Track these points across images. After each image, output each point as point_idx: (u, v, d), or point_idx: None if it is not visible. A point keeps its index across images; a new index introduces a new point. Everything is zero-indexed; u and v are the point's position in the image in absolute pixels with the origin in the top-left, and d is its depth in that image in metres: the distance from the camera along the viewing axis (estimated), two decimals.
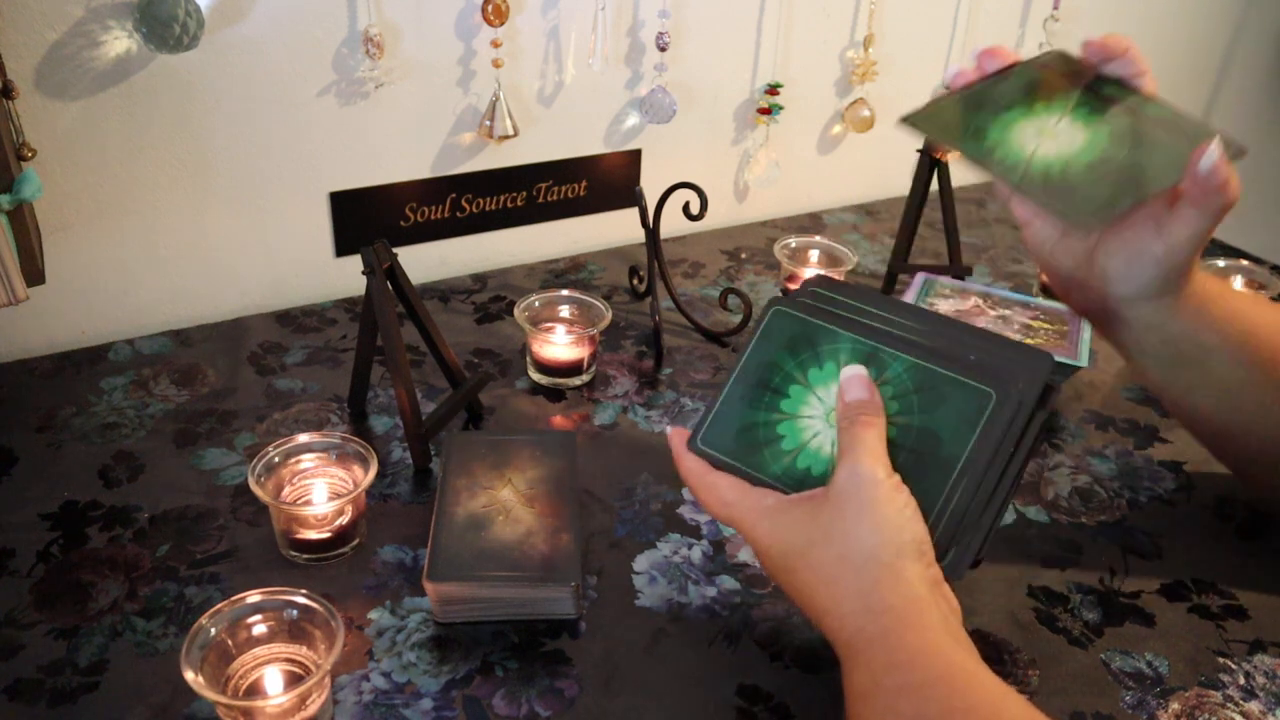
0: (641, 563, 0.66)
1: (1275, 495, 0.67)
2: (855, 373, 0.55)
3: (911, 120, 0.60)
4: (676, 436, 0.59)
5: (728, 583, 0.65)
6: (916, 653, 0.47)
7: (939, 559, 0.51)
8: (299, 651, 0.56)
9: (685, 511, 0.71)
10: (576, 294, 0.87)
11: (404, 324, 0.80)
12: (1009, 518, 0.72)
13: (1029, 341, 0.79)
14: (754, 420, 0.57)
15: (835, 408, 0.55)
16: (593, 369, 0.85)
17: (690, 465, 0.58)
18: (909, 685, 0.46)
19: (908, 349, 0.55)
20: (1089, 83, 0.60)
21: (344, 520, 0.65)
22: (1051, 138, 0.57)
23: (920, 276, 0.89)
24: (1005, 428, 0.51)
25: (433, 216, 0.99)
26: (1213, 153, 0.53)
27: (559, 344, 0.83)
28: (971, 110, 0.60)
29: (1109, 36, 0.60)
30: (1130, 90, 0.59)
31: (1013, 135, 0.58)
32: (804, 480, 0.55)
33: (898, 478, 0.51)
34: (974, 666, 0.47)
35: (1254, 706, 0.58)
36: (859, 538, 0.49)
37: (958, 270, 0.99)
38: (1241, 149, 0.54)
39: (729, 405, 0.59)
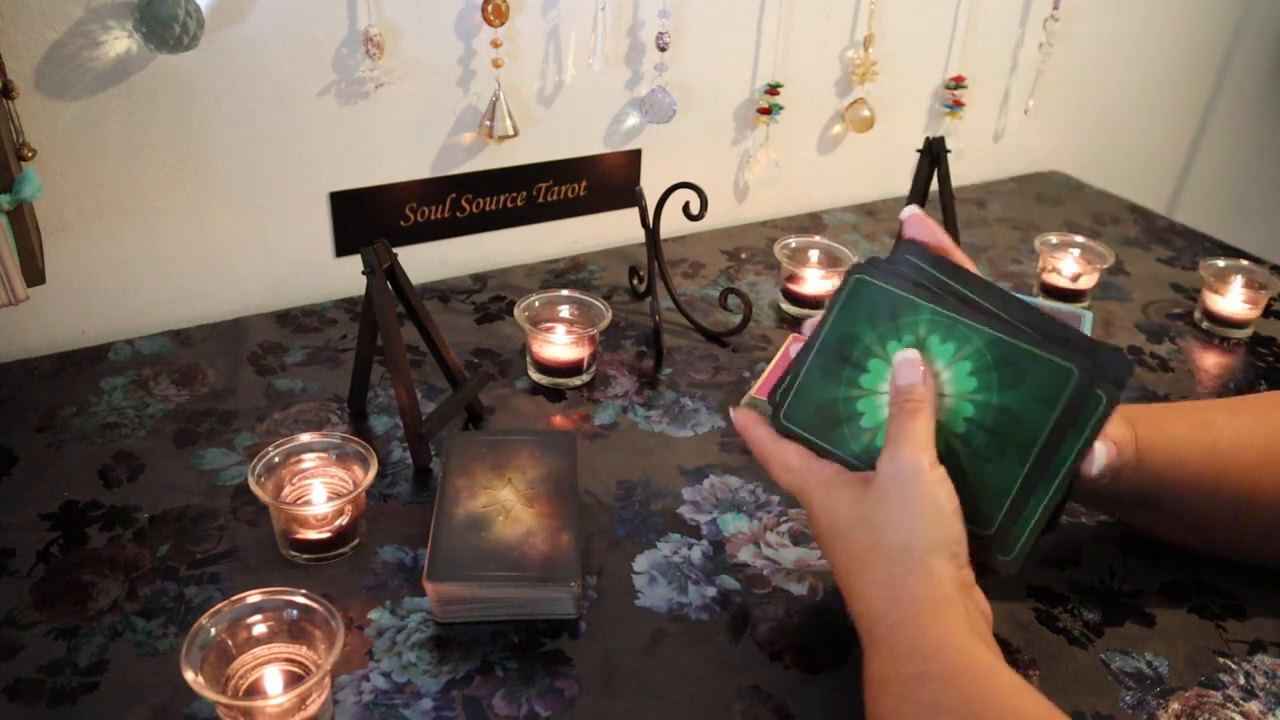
0: (641, 563, 0.66)
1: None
2: (908, 356, 0.54)
3: (782, 419, 0.58)
4: (742, 415, 0.60)
5: (728, 583, 0.65)
6: (937, 644, 0.47)
7: (1005, 551, 0.51)
8: (299, 651, 0.56)
9: (685, 511, 0.71)
10: (576, 294, 0.87)
11: (404, 324, 0.80)
12: None
13: None
14: (834, 395, 0.57)
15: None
16: (593, 369, 0.85)
17: (759, 435, 0.58)
18: (928, 675, 0.46)
19: (989, 321, 0.53)
20: (932, 293, 0.56)
21: (344, 520, 0.65)
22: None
23: None
24: (1086, 410, 0.50)
25: (433, 216, 0.99)
26: (1098, 459, 0.54)
27: (559, 344, 0.83)
28: (831, 375, 0.57)
29: (924, 221, 0.58)
30: (969, 286, 0.56)
31: (883, 407, 0.55)
32: None
33: (942, 470, 0.51)
34: (995, 663, 0.47)
35: (1254, 706, 0.58)
36: (894, 528, 0.50)
37: None
38: (1120, 378, 0.51)
39: (809, 379, 0.58)
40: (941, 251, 0.58)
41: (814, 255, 0.99)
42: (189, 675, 0.50)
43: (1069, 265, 1.01)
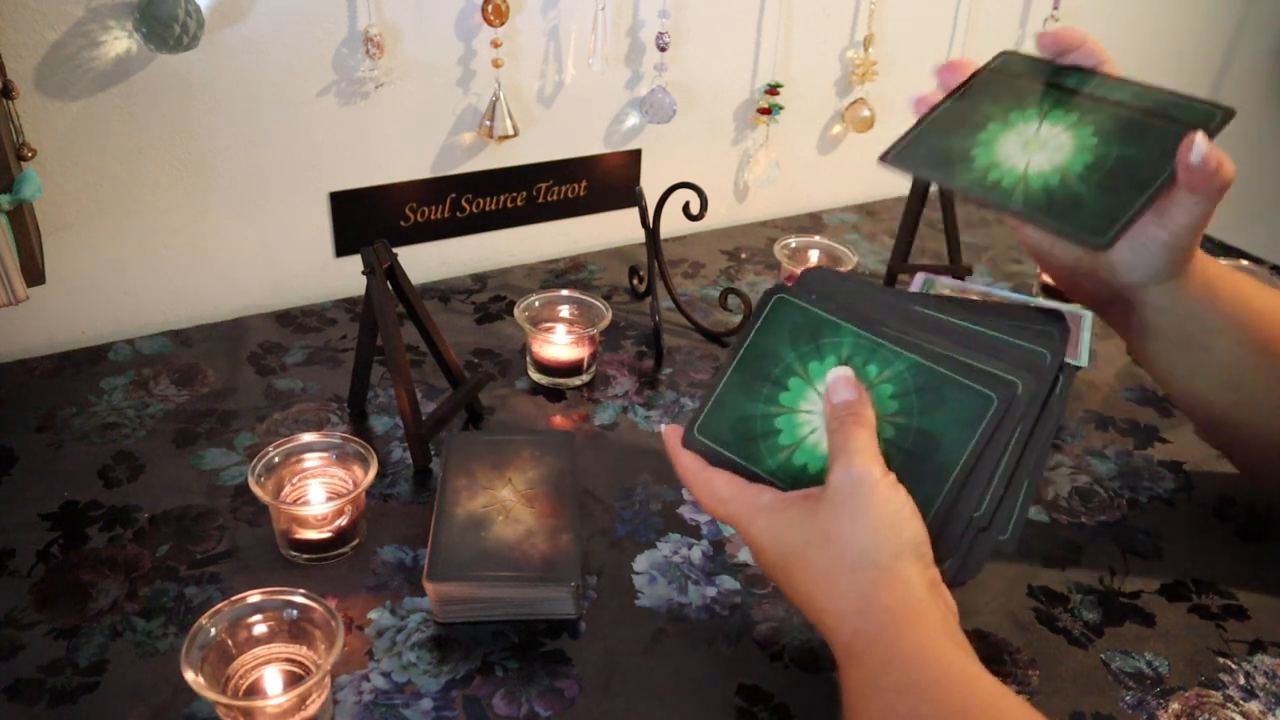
0: (641, 563, 0.66)
1: (1277, 488, 0.67)
2: (842, 373, 0.54)
3: (891, 159, 0.59)
4: (672, 434, 0.59)
5: (728, 583, 0.65)
6: (913, 653, 0.46)
7: (937, 564, 0.51)
8: (299, 651, 0.56)
9: (685, 511, 0.71)
10: (576, 294, 0.87)
11: (404, 324, 0.80)
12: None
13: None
14: (752, 412, 0.57)
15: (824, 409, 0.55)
16: (593, 369, 0.85)
17: (686, 462, 0.57)
18: (905, 685, 0.46)
19: (911, 347, 0.54)
20: (1050, 78, 0.60)
21: (344, 520, 0.65)
22: (1038, 148, 0.57)
23: (920, 276, 0.89)
24: (1009, 431, 0.51)
25: (433, 216, 0.99)
26: (1199, 146, 0.53)
27: (559, 344, 0.83)
28: (947, 135, 0.59)
29: (1063, 29, 0.60)
30: (1092, 76, 0.59)
31: (999, 153, 0.57)
32: (799, 477, 0.54)
33: (893, 476, 0.51)
34: (972, 668, 0.47)
35: (1254, 706, 0.58)
36: (855, 539, 0.49)
37: (958, 270, 0.99)
38: (1229, 112, 0.54)
39: (727, 394, 0.58)
40: (1079, 44, 0.58)
41: (814, 255, 0.99)
42: (189, 675, 0.50)
43: None
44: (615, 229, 1.10)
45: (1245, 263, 1.00)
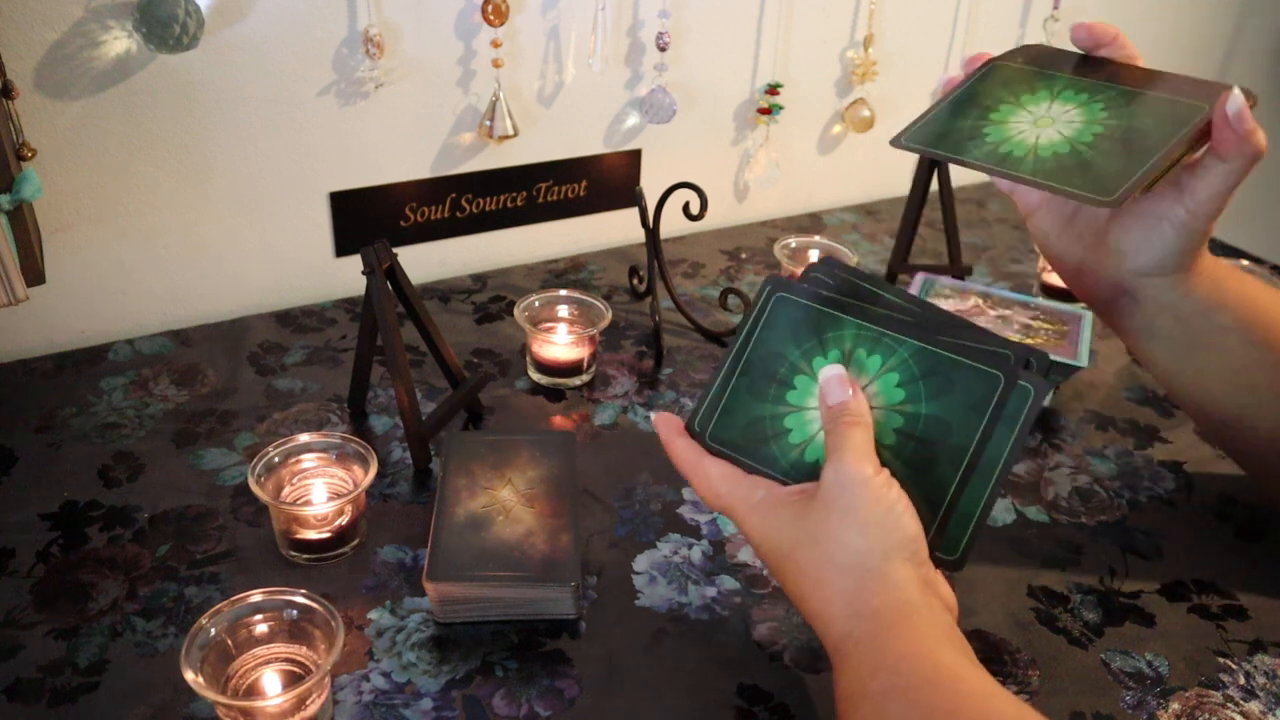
0: (641, 563, 0.66)
1: None
2: (834, 373, 0.54)
3: (904, 140, 0.60)
4: (663, 421, 0.58)
5: (728, 583, 0.65)
6: (902, 656, 0.46)
7: (948, 551, 0.51)
8: (299, 651, 0.56)
9: (685, 511, 0.71)
10: (576, 294, 0.87)
11: (404, 324, 0.80)
12: (1010, 517, 0.72)
13: (1028, 341, 0.79)
14: (761, 413, 0.57)
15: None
16: (593, 369, 0.85)
17: (682, 451, 0.57)
18: (895, 688, 0.45)
19: (913, 333, 0.54)
20: (1073, 69, 0.60)
21: (344, 520, 0.65)
22: (1049, 123, 0.57)
23: (920, 276, 0.89)
24: (1014, 403, 0.50)
25: (433, 216, 0.99)
26: (1236, 98, 0.52)
27: (559, 344, 0.83)
28: (959, 117, 0.60)
29: (1097, 24, 0.60)
30: (1109, 62, 0.60)
31: (1010, 129, 0.58)
32: (812, 474, 0.54)
33: (886, 474, 0.50)
34: (964, 667, 0.46)
35: (1254, 706, 0.58)
36: (845, 541, 0.49)
37: (958, 270, 0.99)
38: (1252, 94, 0.54)
39: (735, 397, 0.58)
40: (1111, 39, 0.60)
41: (814, 255, 0.99)
42: (189, 675, 0.50)
43: None
44: (615, 229, 1.10)
45: (1245, 263, 1.00)
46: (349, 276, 0.97)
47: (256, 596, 0.55)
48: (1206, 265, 0.58)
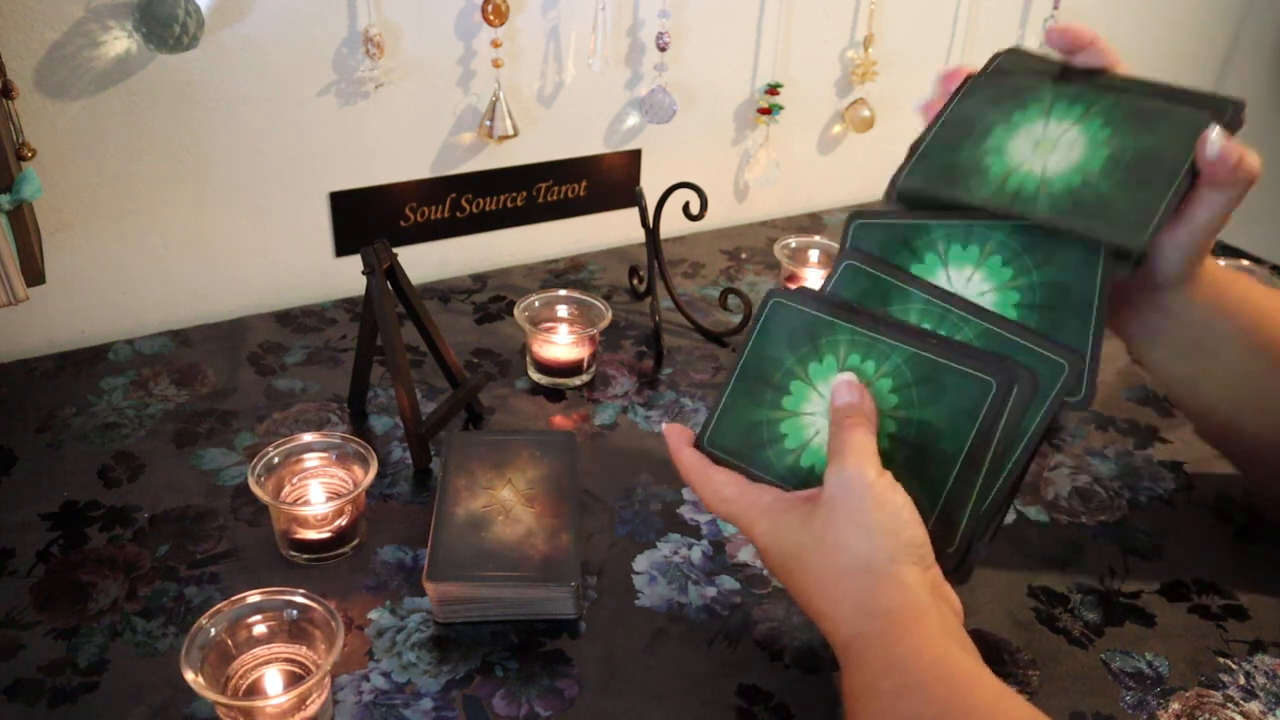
0: (641, 563, 0.66)
1: None
2: (844, 377, 0.54)
3: (900, 187, 0.58)
4: (673, 433, 0.59)
5: (728, 583, 0.65)
6: (913, 654, 0.46)
7: (950, 557, 0.51)
8: (299, 651, 0.56)
9: (685, 511, 0.71)
10: (576, 294, 0.87)
11: (404, 324, 0.80)
12: (1010, 517, 0.72)
13: None
14: (758, 419, 0.57)
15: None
16: (593, 369, 0.85)
17: (689, 461, 0.57)
18: (905, 686, 0.46)
19: (906, 339, 0.54)
20: (1055, 76, 0.59)
21: (344, 520, 0.65)
22: (1050, 148, 0.56)
23: None
24: (1008, 417, 0.50)
25: (433, 216, 0.99)
26: (1214, 140, 0.52)
27: (559, 344, 0.83)
28: (953, 149, 0.58)
29: (1074, 25, 0.59)
30: (1096, 72, 0.58)
31: (1012, 157, 0.56)
32: (808, 479, 0.54)
33: (889, 476, 0.50)
34: (973, 668, 0.47)
35: (1254, 706, 0.58)
36: (852, 544, 0.49)
37: None
38: (1239, 104, 0.53)
39: (732, 403, 0.58)
40: (1089, 43, 0.58)
41: (814, 255, 0.99)
42: (189, 675, 0.50)
43: None
44: (615, 229, 1.10)
45: (1245, 263, 1.00)
46: (349, 276, 0.97)
47: (256, 596, 0.55)
48: (1208, 272, 0.58)
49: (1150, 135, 0.54)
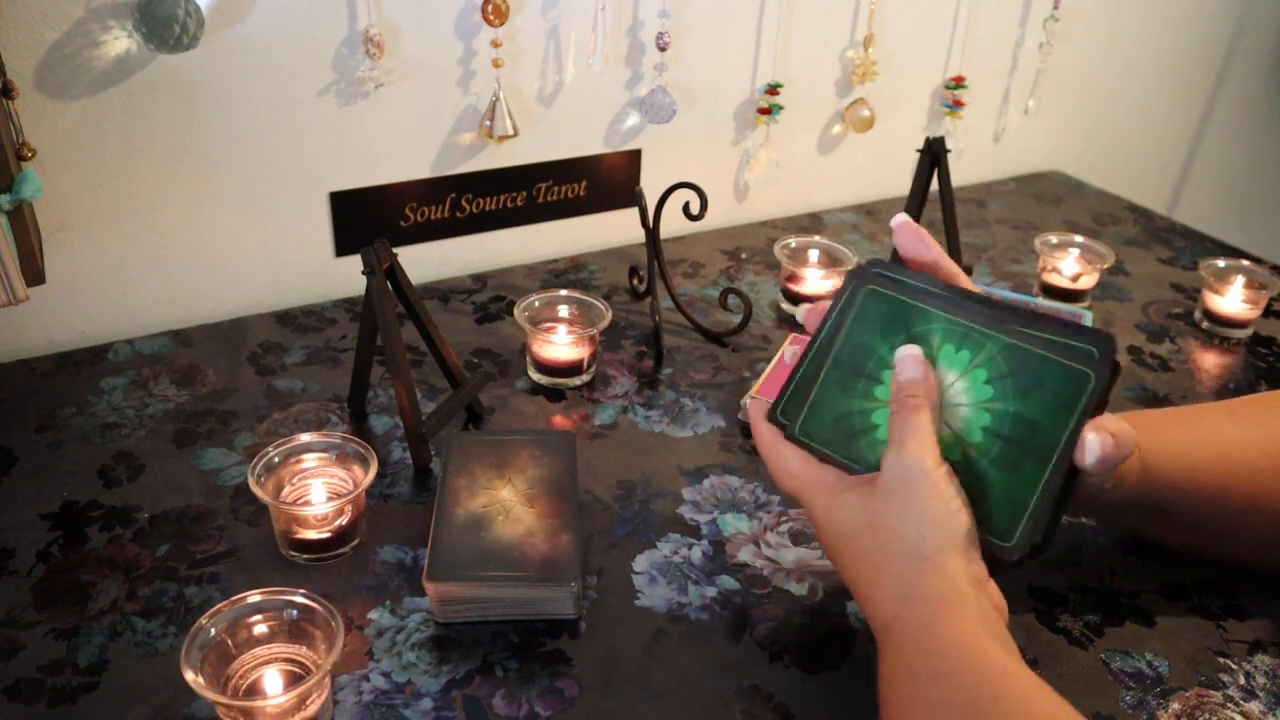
0: (641, 563, 0.66)
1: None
2: (909, 352, 0.54)
3: (792, 434, 0.57)
4: (755, 408, 0.60)
5: (728, 583, 0.65)
6: (950, 643, 0.47)
7: (1034, 549, 0.50)
8: (299, 651, 0.56)
9: (685, 511, 0.71)
10: (576, 294, 0.87)
11: (404, 324, 0.80)
12: None
13: None
14: (850, 409, 0.56)
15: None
16: (593, 369, 0.85)
17: (765, 435, 0.59)
18: (940, 673, 0.46)
19: (1004, 329, 0.52)
20: (936, 302, 0.55)
21: (344, 520, 0.65)
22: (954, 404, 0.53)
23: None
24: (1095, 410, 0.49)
25: (433, 216, 0.99)
26: (1091, 450, 0.49)
27: (559, 344, 0.83)
28: (845, 388, 0.56)
29: (910, 226, 0.58)
30: (965, 298, 0.55)
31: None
32: None
33: (947, 467, 0.51)
34: (1009, 661, 0.47)
35: (1254, 706, 0.58)
36: (901, 530, 0.50)
37: None
38: (1110, 346, 0.49)
39: (824, 393, 0.57)
40: (932, 268, 0.57)
41: (814, 255, 0.99)
42: (189, 675, 0.50)
43: (1069, 265, 1.01)
44: (615, 229, 1.10)
45: (1246, 263, 1.00)
46: (349, 276, 0.97)
47: (256, 596, 0.55)
48: (1131, 468, 0.57)
49: (1033, 398, 0.51)
